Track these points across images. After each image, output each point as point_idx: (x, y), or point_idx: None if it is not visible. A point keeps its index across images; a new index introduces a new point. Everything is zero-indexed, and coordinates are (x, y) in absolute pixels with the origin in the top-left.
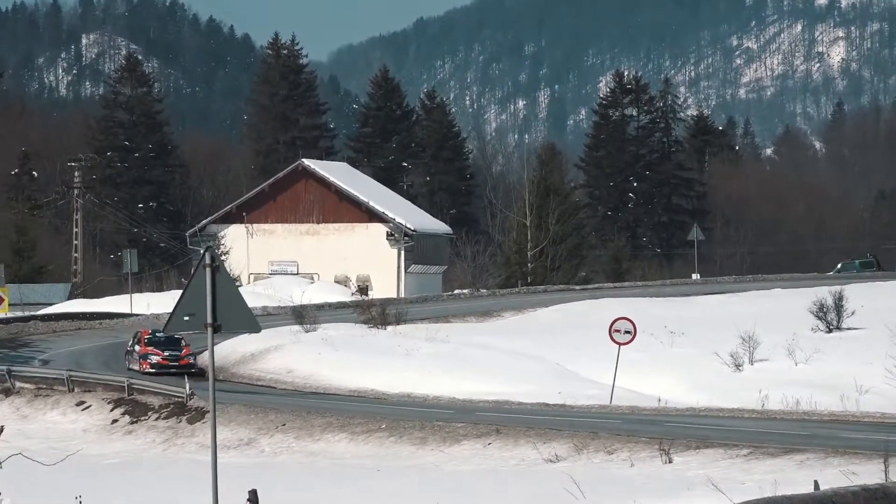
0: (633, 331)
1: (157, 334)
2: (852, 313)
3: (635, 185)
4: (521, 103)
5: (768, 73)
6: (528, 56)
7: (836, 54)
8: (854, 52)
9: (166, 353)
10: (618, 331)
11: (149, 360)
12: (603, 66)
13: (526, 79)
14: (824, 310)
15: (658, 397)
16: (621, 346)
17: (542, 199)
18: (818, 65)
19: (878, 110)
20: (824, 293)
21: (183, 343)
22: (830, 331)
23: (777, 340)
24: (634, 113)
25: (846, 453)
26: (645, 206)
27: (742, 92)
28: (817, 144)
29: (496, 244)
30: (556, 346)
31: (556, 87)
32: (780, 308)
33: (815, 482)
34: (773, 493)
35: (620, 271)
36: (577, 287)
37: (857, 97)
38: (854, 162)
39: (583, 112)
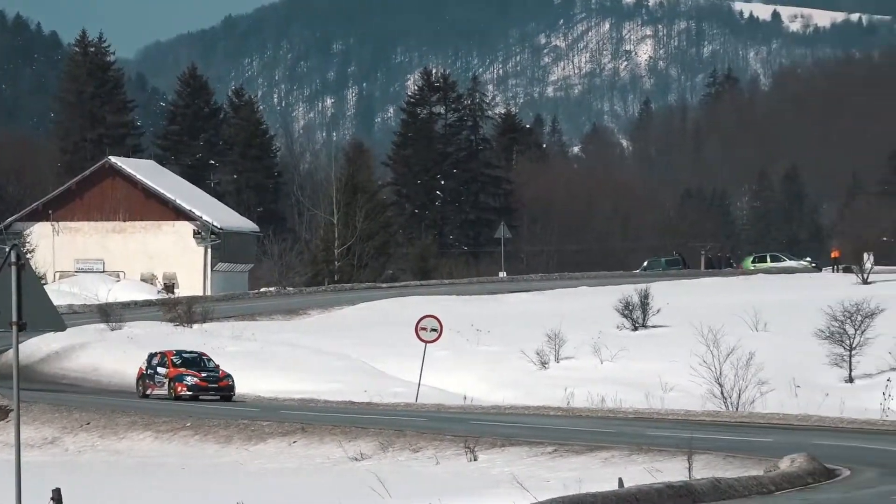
0: (439, 329)
1: (185, 354)
2: (658, 311)
3: (443, 182)
4: (329, 101)
5: (576, 72)
6: (336, 54)
7: (644, 52)
8: (661, 51)
9: (204, 375)
10: (424, 329)
11: (184, 382)
12: (411, 63)
13: (334, 76)
14: (630, 308)
15: (464, 395)
16: (427, 344)
17: (350, 197)
18: (626, 63)
19: (684, 109)
20: (630, 291)
21: (213, 363)
22: (636, 329)
23: (583, 338)
24: (442, 111)
25: (651, 451)
26: (452, 203)
27: (550, 90)
28: (624, 143)
29: (303, 242)
30: (362, 344)
31: (365, 84)
32: (587, 306)
33: (620, 480)
34: (577, 490)
35: (427, 269)
36: (384, 285)
37: (663, 95)
38: (661, 160)
39: (391, 110)
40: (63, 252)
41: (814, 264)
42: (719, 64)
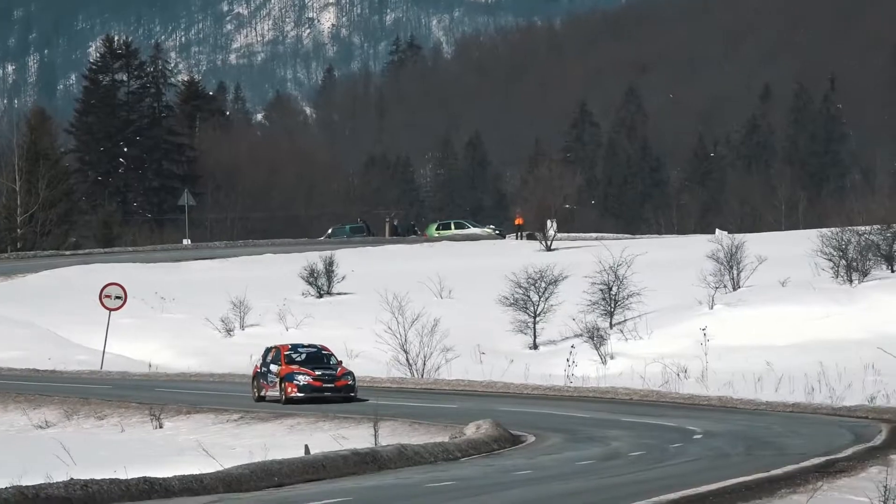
0: (123, 296)
1: (300, 348)
2: (343, 278)
3: (126, 150)
4: (10, 68)
5: (259, 39)
6: (17, 20)
7: (327, 20)
8: (344, 19)
9: (318, 373)
10: (108, 296)
11: (295, 382)
12: (93, 31)
13: (15, 43)
14: (315, 275)
15: (149, 363)
16: (112, 312)
17: (32, 165)
18: (309, 31)
19: (367, 76)
20: (315, 259)
21: (334, 359)
22: (321, 296)
23: (268, 306)
24: (125, 78)
25: (337, 418)
26: (136, 171)
27: (233, 57)
28: (308, 110)
29: None
30: (46, 312)
31: (46, 51)
32: (272, 273)
33: (306, 447)
34: (263, 457)
35: (111, 237)
36: (68, 252)
37: (347, 63)
38: (344, 127)
39: (73, 77)
40: None
41: (497, 231)
42: (402, 32)
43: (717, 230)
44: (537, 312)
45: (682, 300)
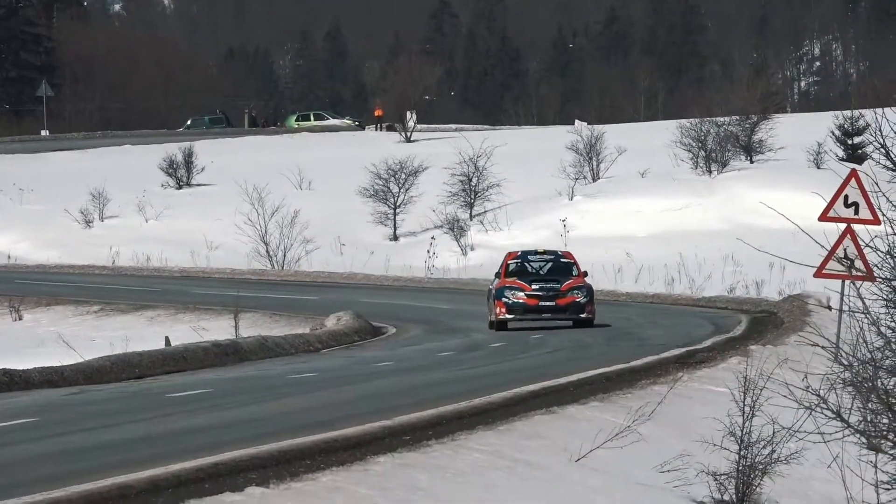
0: None
1: (531, 256)
2: (203, 170)
3: None
4: None
5: None
6: None
7: None
8: None
9: (535, 287)
10: None
11: (503, 300)
12: None
13: None
14: (174, 166)
15: (8, 254)
16: None
17: None
18: None
19: None
20: (174, 150)
21: (574, 269)
22: (181, 187)
23: (128, 197)
24: None
25: (197, 309)
26: None
27: None
28: (166, 1)
29: None
30: None
31: None
32: (131, 165)
33: (167, 338)
34: (123, 349)
35: None
36: None
37: None
38: (203, 19)
39: None
40: None
41: (357, 123)
42: None
43: (577, 121)
44: (397, 204)
45: (541, 191)
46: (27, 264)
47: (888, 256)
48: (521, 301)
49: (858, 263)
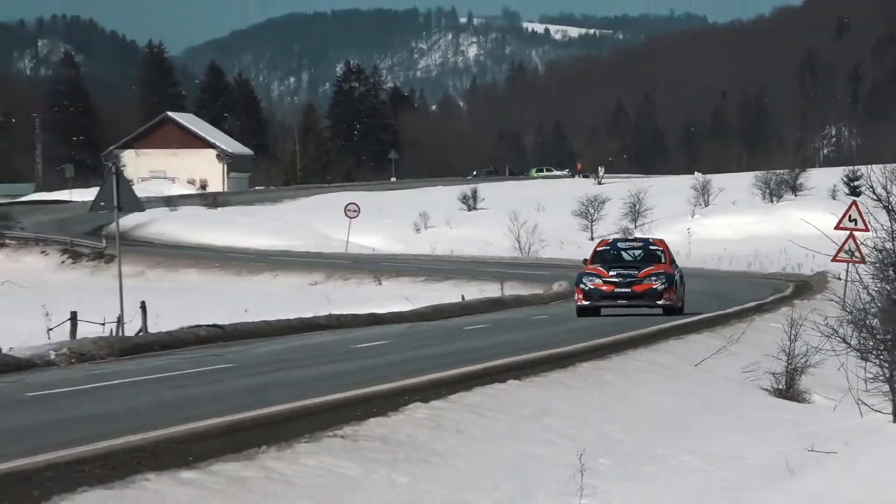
0: (357, 210)
1: (621, 242)
2: (482, 200)
3: (358, 127)
4: (291, 80)
5: (434, 62)
6: (297, 52)
7: (471, 53)
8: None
9: (612, 274)
10: (351, 210)
11: (581, 286)
12: (338, 57)
13: (295, 65)
14: (466, 198)
15: (373, 248)
16: (351, 219)
17: (304, 135)
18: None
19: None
20: (466, 189)
21: (662, 256)
22: (469, 210)
23: (441, 215)
24: (356, 85)
25: (479, 279)
26: (364, 138)
27: (419, 73)
28: (462, 103)
29: (278, 158)
30: (315, 219)
31: (312, 70)
32: (441, 197)
33: (462, 296)
34: (438, 302)
35: (350, 176)
36: (326, 185)
37: (483, 77)
38: (483, 112)
39: (327, 84)
40: (142, 167)
41: (569, 173)
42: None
43: (696, 172)
44: (593, 219)
45: (675, 212)
46: (384, 254)
47: (874, 250)
48: (596, 287)
49: (857, 254)
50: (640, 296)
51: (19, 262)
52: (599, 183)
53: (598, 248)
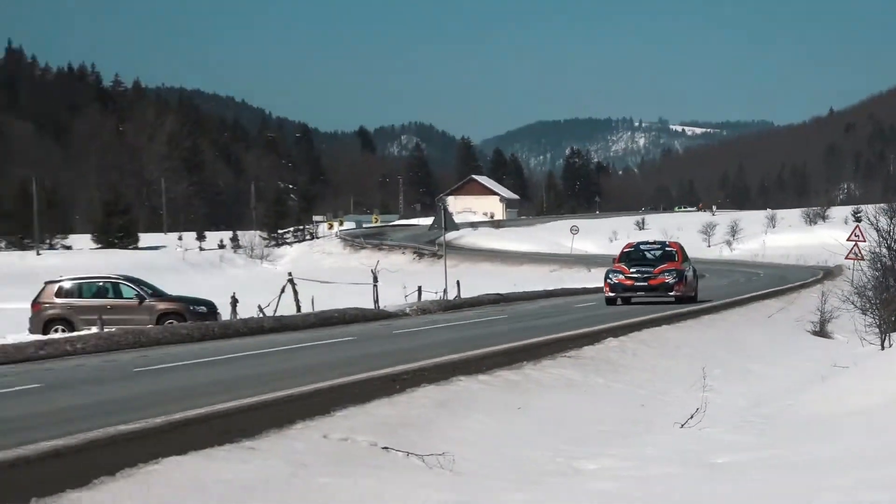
0: (578, 229)
1: (643, 245)
2: (648, 224)
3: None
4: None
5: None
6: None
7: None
8: None
9: (632, 271)
10: (573, 229)
11: (608, 281)
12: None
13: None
14: (638, 223)
15: (585, 250)
16: (574, 235)
17: None
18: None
19: None
20: (638, 218)
21: (676, 256)
22: (640, 230)
23: (624, 233)
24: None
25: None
26: None
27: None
28: (633, 165)
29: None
30: (553, 234)
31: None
32: (622, 222)
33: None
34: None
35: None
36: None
37: None
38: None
39: None
40: (458, 205)
41: (694, 208)
42: (665, 147)
43: (768, 209)
44: (709, 235)
45: (754, 232)
46: (592, 254)
47: (869, 252)
48: (620, 282)
49: (859, 255)
50: (655, 288)
51: (389, 258)
52: (713, 214)
53: (625, 250)
